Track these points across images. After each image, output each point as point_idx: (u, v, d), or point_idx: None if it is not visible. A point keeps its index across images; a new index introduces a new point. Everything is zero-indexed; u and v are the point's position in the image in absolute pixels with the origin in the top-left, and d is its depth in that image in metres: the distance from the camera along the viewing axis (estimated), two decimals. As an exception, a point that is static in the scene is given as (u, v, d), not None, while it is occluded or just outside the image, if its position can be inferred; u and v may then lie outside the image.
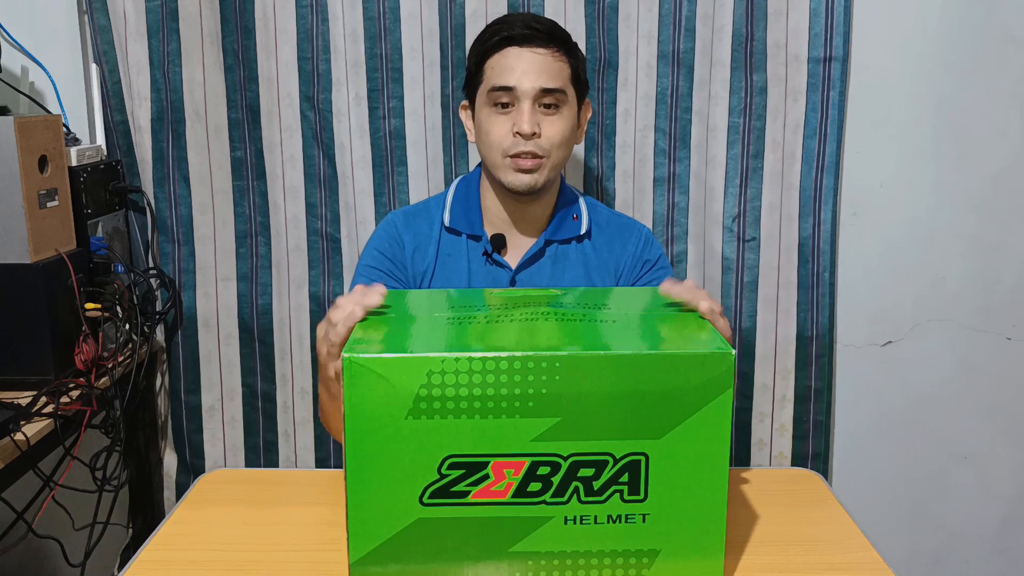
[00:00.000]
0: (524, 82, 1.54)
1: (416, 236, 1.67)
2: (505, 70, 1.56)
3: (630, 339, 1.04)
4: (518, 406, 0.98)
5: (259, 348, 2.18)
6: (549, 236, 1.66)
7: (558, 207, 1.68)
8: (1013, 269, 2.17)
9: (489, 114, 1.58)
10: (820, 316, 2.13)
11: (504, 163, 1.57)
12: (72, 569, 2.00)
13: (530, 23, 1.57)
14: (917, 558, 2.31)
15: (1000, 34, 2.06)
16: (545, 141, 1.56)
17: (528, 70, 1.54)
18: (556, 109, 1.57)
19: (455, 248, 1.66)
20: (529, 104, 1.54)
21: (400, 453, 1.00)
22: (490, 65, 1.58)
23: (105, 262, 1.93)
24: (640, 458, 1.00)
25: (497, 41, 1.57)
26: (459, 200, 1.70)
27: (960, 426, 2.25)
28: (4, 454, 1.56)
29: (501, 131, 1.57)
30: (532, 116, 1.54)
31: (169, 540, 1.25)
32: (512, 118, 1.56)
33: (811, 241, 2.10)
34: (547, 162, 1.57)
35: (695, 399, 0.99)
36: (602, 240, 1.70)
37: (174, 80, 2.05)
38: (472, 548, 1.03)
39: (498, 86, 1.56)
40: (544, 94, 1.55)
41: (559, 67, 1.57)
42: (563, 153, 1.60)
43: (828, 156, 2.06)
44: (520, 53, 1.55)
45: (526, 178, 1.56)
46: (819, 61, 2.02)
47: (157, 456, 2.24)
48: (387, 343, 1.04)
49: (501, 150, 1.57)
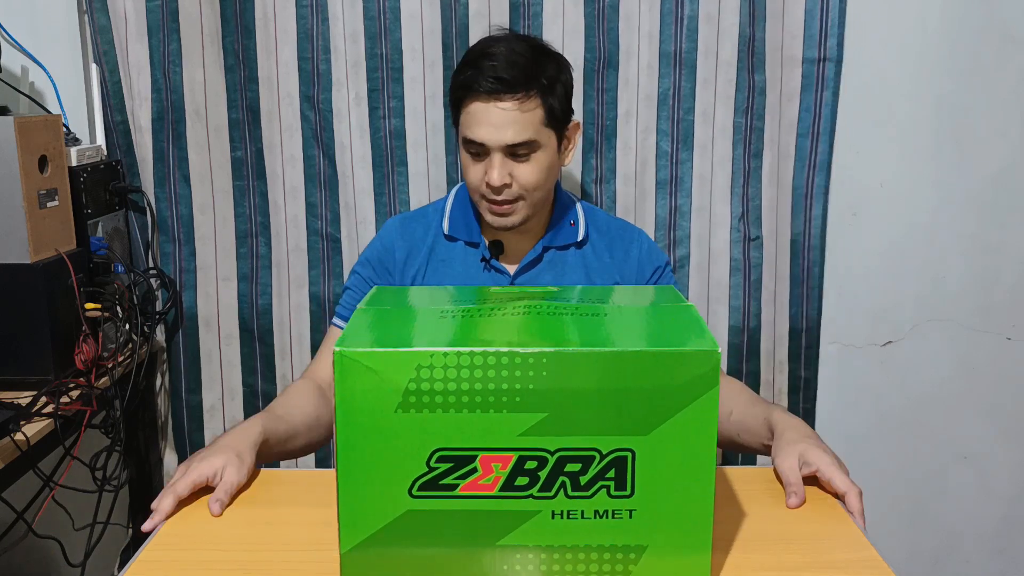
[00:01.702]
0: (491, 138, 1.53)
1: (409, 241, 1.69)
2: (473, 124, 1.55)
3: (618, 336, 1.04)
4: (506, 401, 0.98)
5: (259, 348, 2.19)
6: (547, 242, 1.68)
7: (555, 213, 1.69)
8: (1013, 269, 2.17)
9: (465, 157, 1.60)
10: (810, 309, 2.14)
11: (482, 204, 1.61)
12: (72, 569, 2.01)
13: (500, 72, 1.52)
14: (917, 558, 2.31)
15: (1000, 34, 2.06)
16: (518, 187, 1.57)
17: (496, 125, 1.53)
18: (528, 156, 1.56)
19: (450, 254, 1.68)
20: (499, 157, 1.54)
21: (390, 446, 1.01)
22: (463, 112, 1.57)
23: (105, 262, 1.94)
24: (626, 454, 1.01)
25: (463, 93, 1.56)
26: (458, 207, 1.71)
27: (960, 426, 2.25)
28: (4, 454, 1.56)
29: (475, 176, 1.59)
30: (502, 168, 1.54)
31: (169, 540, 1.25)
32: (484, 167, 1.56)
33: (803, 238, 2.10)
34: (523, 204, 1.59)
35: (681, 396, 0.99)
36: (602, 244, 1.70)
37: (174, 80, 2.06)
38: (460, 540, 1.04)
39: (467, 139, 1.57)
40: (513, 147, 1.54)
41: (528, 118, 1.53)
42: (541, 192, 1.61)
43: (820, 155, 2.06)
44: (487, 109, 1.53)
45: (503, 220, 1.60)
46: (813, 62, 2.02)
47: (157, 456, 2.25)
48: (378, 337, 1.04)
49: (478, 193, 1.60)
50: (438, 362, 0.98)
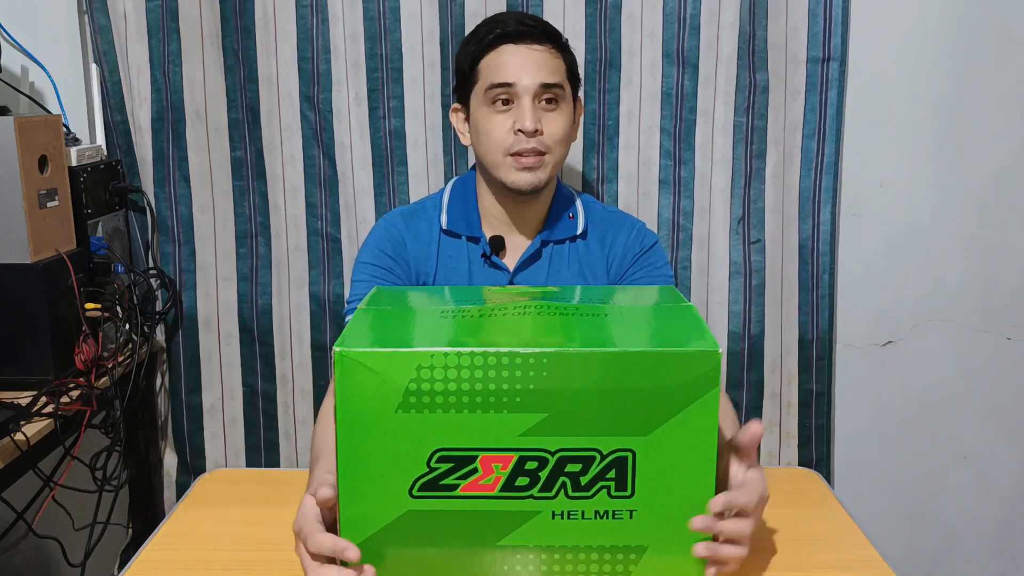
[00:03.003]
0: (524, 78, 1.52)
1: (417, 236, 1.66)
2: (503, 67, 1.54)
3: (619, 336, 1.04)
4: (506, 401, 0.99)
5: (259, 348, 2.18)
6: (545, 237, 1.65)
7: (554, 206, 1.67)
8: (1013, 269, 2.17)
9: (488, 113, 1.56)
10: (820, 318, 2.12)
11: (506, 162, 1.55)
12: (72, 569, 2.01)
13: (523, 20, 1.56)
14: (917, 558, 2.31)
15: (1000, 34, 2.06)
16: (547, 138, 1.54)
17: (526, 65, 1.53)
18: (556, 105, 1.56)
19: (456, 250, 1.65)
20: (530, 100, 1.53)
21: (390, 446, 1.01)
22: (486, 63, 1.56)
23: (105, 262, 1.94)
24: (627, 455, 1.01)
25: (492, 39, 1.55)
26: (455, 202, 1.69)
27: (960, 426, 2.25)
28: (4, 454, 1.56)
29: (502, 129, 1.54)
30: (534, 112, 1.52)
31: (170, 540, 1.26)
32: (512, 115, 1.54)
33: (811, 243, 2.09)
34: (549, 159, 1.55)
35: (682, 397, 0.99)
36: (595, 236, 1.68)
37: (174, 80, 2.05)
38: (461, 541, 1.04)
39: (497, 83, 1.54)
40: (544, 89, 1.54)
41: (556, 63, 1.56)
42: (563, 150, 1.59)
43: (827, 157, 2.05)
44: (517, 50, 1.54)
45: (529, 176, 1.55)
46: (817, 61, 2.02)
47: (157, 456, 2.24)
48: (378, 337, 1.05)
49: (503, 148, 1.55)
50: (438, 362, 0.98)
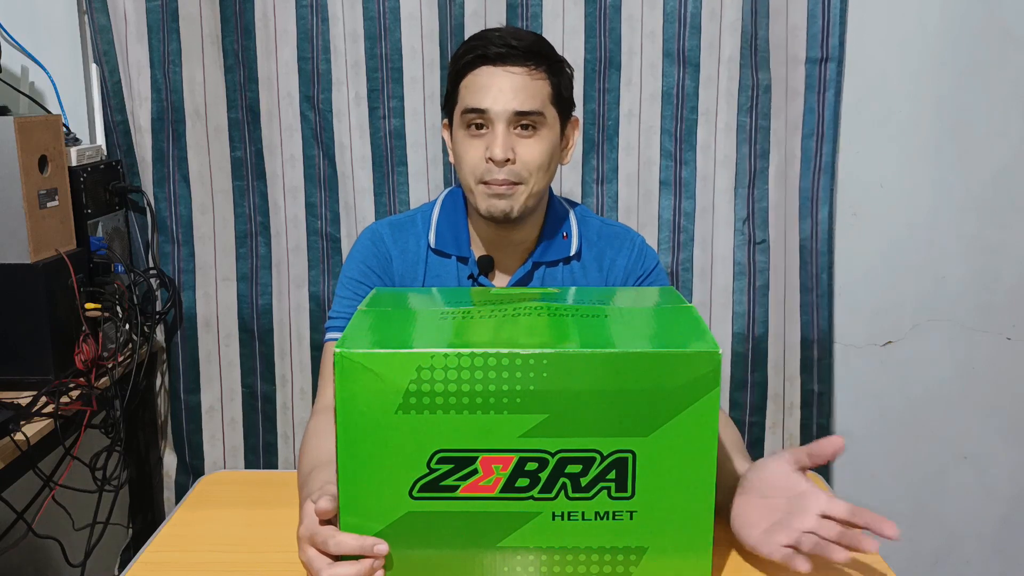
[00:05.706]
0: (497, 104, 1.43)
1: (404, 253, 1.59)
2: (478, 90, 1.45)
3: (619, 337, 1.04)
4: (506, 402, 0.99)
5: (259, 348, 2.18)
6: (537, 259, 1.58)
7: (546, 226, 1.59)
8: (1013, 269, 2.17)
9: (463, 137, 1.48)
10: (820, 319, 2.12)
11: (478, 189, 1.47)
12: (72, 569, 2.01)
13: (508, 39, 1.45)
14: (917, 558, 2.31)
15: (1000, 34, 2.06)
16: (521, 167, 1.45)
17: (503, 90, 1.43)
18: (533, 131, 1.46)
19: (444, 270, 1.59)
20: (503, 127, 1.43)
21: (390, 447, 1.01)
22: (464, 85, 1.47)
23: (105, 262, 1.94)
24: (627, 456, 1.01)
25: (471, 59, 1.46)
26: (445, 218, 1.61)
27: (960, 426, 2.25)
28: (4, 454, 1.56)
29: (475, 155, 1.46)
30: (506, 140, 1.43)
31: (170, 541, 1.26)
32: (486, 141, 1.45)
33: (810, 243, 2.09)
34: (523, 188, 1.46)
35: (682, 398, 0.99)
36: (591, 256, 1.61)
37: (174, 80, 2.06)
38: (461, 542, 1.04)
39: (471, 108, 1.45)
40: (519, 116, 1.44)
41: (537, 87, 1.45)
42: (543, 177, 1.49)
43: (825, 157, 2.05)
44: (494, 72, 1.44)
45: (500, 203, 1.46)
46: (816, 62, 2.02)
47: (157, 456, 2.24)
48: (378, 338, 1.04)
49: (475, 176, 1.47)
50: (438, 363, 0.98)
